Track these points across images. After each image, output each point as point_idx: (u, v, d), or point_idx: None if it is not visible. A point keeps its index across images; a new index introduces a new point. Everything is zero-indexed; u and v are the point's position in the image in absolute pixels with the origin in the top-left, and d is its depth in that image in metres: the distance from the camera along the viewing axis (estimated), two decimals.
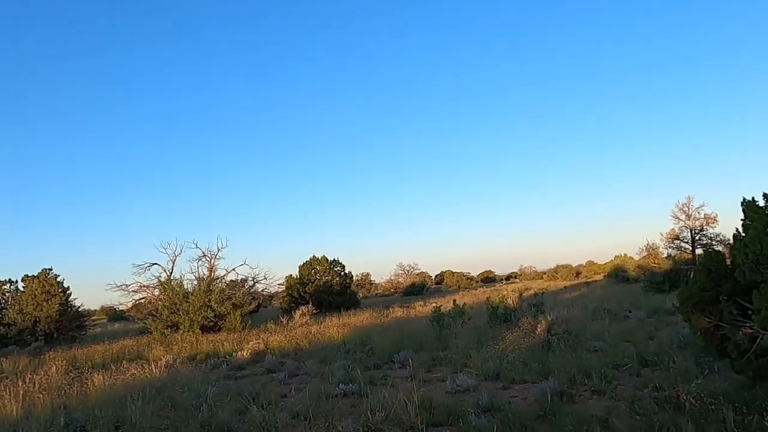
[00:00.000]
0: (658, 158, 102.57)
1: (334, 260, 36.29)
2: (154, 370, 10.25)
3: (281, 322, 22.48)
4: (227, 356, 13.84)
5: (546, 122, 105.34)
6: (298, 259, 36.18)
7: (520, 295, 14.08)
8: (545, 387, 6.91)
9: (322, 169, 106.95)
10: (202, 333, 21.20)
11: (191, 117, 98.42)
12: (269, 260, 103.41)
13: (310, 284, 33.88)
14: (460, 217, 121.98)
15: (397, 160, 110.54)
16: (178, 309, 21.87)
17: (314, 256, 35.96)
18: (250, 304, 23.69)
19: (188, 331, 21.02)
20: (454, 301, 15.37)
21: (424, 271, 66.21)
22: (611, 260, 50.73)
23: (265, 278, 28.71)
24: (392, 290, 59.30)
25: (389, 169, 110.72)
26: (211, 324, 22.21)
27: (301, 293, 33.19)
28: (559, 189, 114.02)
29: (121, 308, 33.67)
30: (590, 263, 71.40)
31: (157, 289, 24.76)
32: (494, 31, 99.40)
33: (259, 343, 15.12)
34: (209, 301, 22.11)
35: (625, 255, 51.29)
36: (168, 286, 22.98)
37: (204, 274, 24.80)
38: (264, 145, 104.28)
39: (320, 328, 18.54)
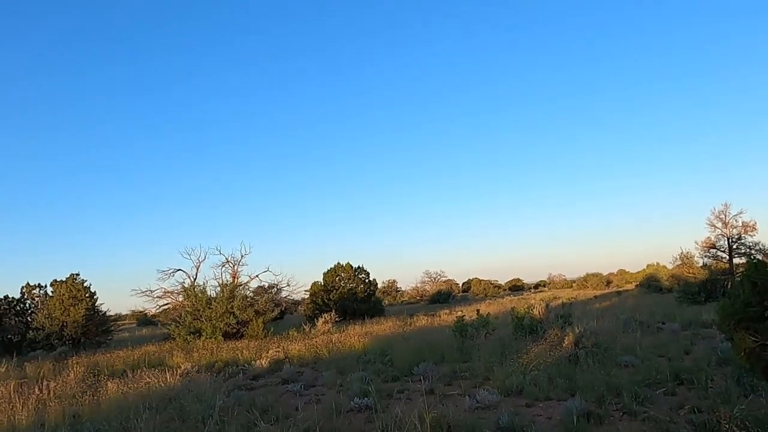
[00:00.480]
0: (691, 165, 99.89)
1: (359, 267, 35.99)
2: (168, 379, 10.07)
3: (304, 329, 22.29)
4: (246, 365, 13.64)
5: (577, 129, 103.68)
6: (324, 266, 36.05)
7: (547, 305, 13.49)
8: (571, 406, 6.44)
9: (350, 176, 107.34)
10: (225, 340, 21.13)
11: (218, 125, 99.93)
12: (295, 267, 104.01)
13: (335, 291, 33.63)
14: (489, 225, 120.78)
15: (426, 168, 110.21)
16: (200, 315, 21.86)
17: (339, 263, 35.73)
18: (272, 311, 23.56)
19: (210, 337, 20.97)
20: (478, 310, 14.89)
21: (450, 278, 65.55)
22: (643, 269, 49.31)
23: (288, 285, 28.60)
24: (418, 298, 58.75)
25: (418, 177, 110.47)
26: (234, 331, 22.14)
27: (325, 300, 32.96)
28: (589, 196, 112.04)
29: (152, 313, 34.00)
30: (621, 272, 69.72)
31: (180, 295, 24.86)
32: (523, 41, 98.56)
33: (278, 351, 14.91)
34: (232, 307, 22.05)
35: (658, 264, 49.80)
36: (191, 292, 23.05)
37: (227, 281, 24.81)
38: (291, 152, 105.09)
39: (342, 336, 18.25)
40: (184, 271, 27.01)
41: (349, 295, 33.36)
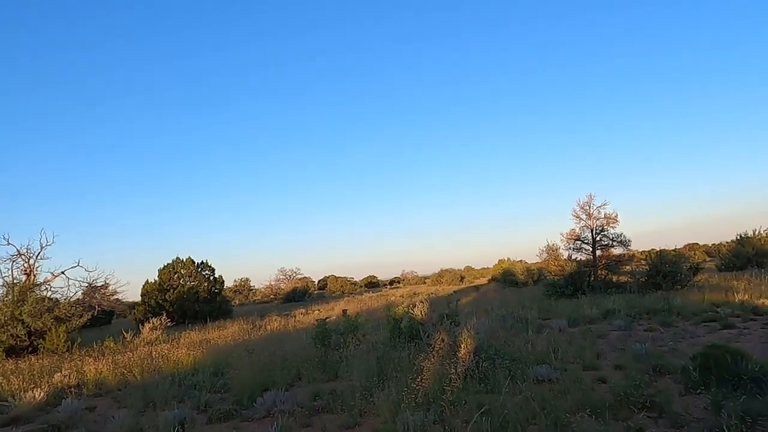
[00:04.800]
0: (532, 168, 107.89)
1: (203, 263, 31.52)
2: None
3: (125, 338, 17.75)
4: (11, 398, 9.29)
5: (424, 129, 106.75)
6: (163, 262, 31.01)
7: (431, 302, 11.06)
8: None
9: (206, 168, 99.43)
10: (8, 357, 15.90)
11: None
12: (127, 264, 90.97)
13: (172, 291, 28.84)
14: (344, 222, 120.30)
15: (282, 164, 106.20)
16: None
17: (178, 258, 30.93)
18: (81, 316, 18.50)
19: None
20: (345, 311, 12.05)
21: (306, 276, 62.46)
22: (496, 264, 50.71)
23: (107, 283, 23.30)
24: (272, 296, 54.92)
25: (275, 173, 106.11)
26: (25, 344, 16.87)
27: (160, 302, 28.08)
28: (433, 199, 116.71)
29: None
30: (468, 268, 72.30)
31: None
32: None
33: (68, 375, 10.71)
34: (20, 313, 16.73)
35: (509, 259, 51.77)
36: None
37: (18, 279, 19.13)
38: (112, 133, 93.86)
39: (170, 347, 14.39)
40: None
41: (189, 295, 28.79)
